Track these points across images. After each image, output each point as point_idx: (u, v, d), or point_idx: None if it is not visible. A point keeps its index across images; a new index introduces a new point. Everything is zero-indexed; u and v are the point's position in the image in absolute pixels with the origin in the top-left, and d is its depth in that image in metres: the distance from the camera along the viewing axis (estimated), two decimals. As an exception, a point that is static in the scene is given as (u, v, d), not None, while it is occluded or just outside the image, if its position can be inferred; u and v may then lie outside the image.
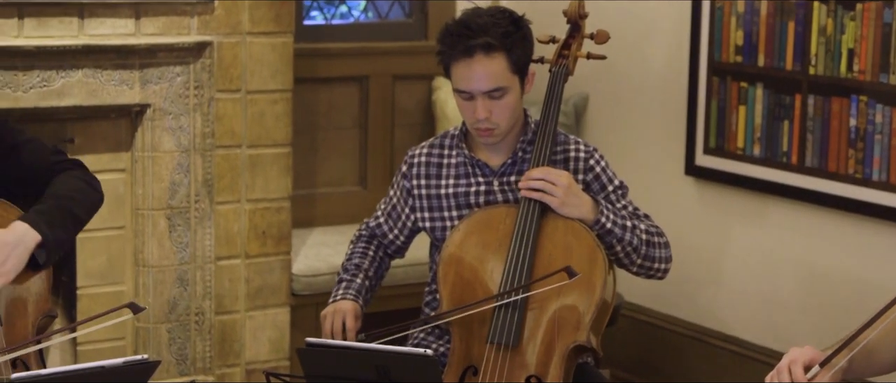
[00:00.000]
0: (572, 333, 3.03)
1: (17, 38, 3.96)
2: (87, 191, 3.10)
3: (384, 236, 3.43)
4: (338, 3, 5.18)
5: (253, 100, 4.36)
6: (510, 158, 3.27)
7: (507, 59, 3.14)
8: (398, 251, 3.47)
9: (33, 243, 2.90)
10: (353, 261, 3.39)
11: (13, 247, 2.87)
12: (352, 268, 3.37)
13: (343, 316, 3.22)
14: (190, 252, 4.30)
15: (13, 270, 2.87)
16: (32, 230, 2.90)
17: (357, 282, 3.33)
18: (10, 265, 2.86)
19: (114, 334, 4.26)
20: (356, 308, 3.25)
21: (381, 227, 3.44)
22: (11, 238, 2.88)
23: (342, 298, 3.28)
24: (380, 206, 3.46)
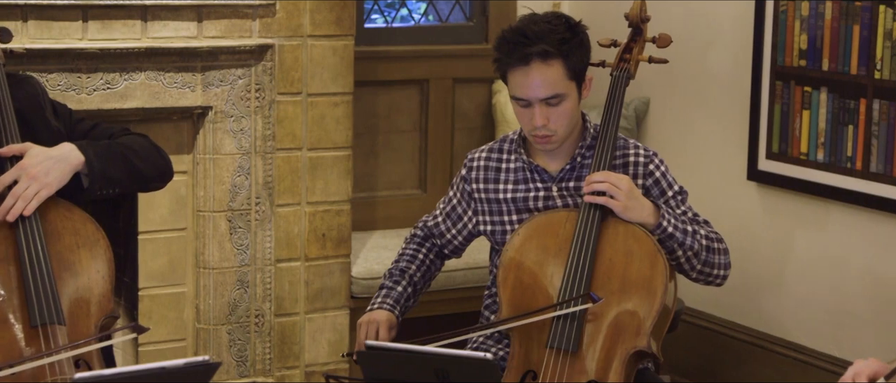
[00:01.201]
0: (633, 338, 3.01)
1: (81, 41, 4.00)
2: (151, 151, 3.17)
3: (442, 235, 3.43)
4: (398, 6, 5.19)
5: (314, 103, 4.37)
6: (569, 164, 3.26)
7: (564, 65, 3.12)
8: (455, 251, 3.47)
9: (77, 162, 2.97)
10: (401, 264, 3.40)
11: (56, 161, 2.94)
12: (397, 272, 3.38)
13: (377, 327, 3.23)
14: (250, 254, 4.32)
15: (56, 183, 2.93)
16: (77, 150, 2.98)
17: (397, 290, 3.33)
18: (52, 177, 2.93)
19: (175, 335, 4.29)
20: (391, 319, 3.27)
21: (438, 226, 3.43)
22: (55, 153, 2.96)
23: (379, 307, 3.30)
24: (439, 206, 3.46)
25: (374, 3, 5.12)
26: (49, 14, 3.93)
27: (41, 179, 2.91)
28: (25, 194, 2.89)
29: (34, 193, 2.89)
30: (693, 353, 4.70)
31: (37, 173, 2.90)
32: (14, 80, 3.10)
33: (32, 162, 2.92)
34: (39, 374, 2.77)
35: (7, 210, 2.88)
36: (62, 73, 3.97)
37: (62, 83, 3.97)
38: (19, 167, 2.91)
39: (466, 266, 4.59)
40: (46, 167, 2.92)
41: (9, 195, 2.89)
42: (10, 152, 2.95)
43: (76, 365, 2.84)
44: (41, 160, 2.93)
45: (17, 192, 2.89)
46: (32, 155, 2.94)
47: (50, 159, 2.94)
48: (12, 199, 2.88)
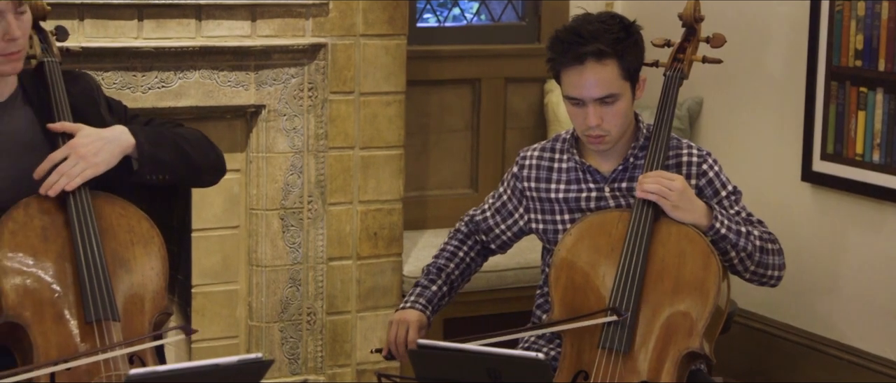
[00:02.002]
0: (685, 340, 3.00)
1: (136, 40, 4.03)
2: (202, 142, 3.18)
3: (489, 230, 3.43)
4: (451, 6, 5.19)
5: (366, 102, 4.38)
6: (621, 164, 3.24)
7: (618, 65, 3.11)
8: (502, 247, 3.46)
9: (127, 144, 2.98)
10: (439, 261, 3.39)
11: (107, 142, 2.95)
12: (434, 270, 3.37)
13: (406, 327, 3.23)
14: (302, 252, 4.34)
15: (104, 164, 2.95)
16: (128, 133, 3.00)
17: (432, 289, 3.33)
18: (101, 158, 2.94)
19: (228, 332, 4.32)
20: (422, 319, 3.26)
21: (486, 221, 3.43)
22: (106, 134, 2.97)
23: (411, 307, 3.29)
24: (488, 200, 3.45)
25: (427, 2, 5.13)
26: (105, 13, 3.97)
27: (89, 158, 2.92)
28: (71, 172, 2.90)
29: (80, 171, 2.91)
30: (746, 355, 4.67)
31: (86, 153, 2.92)
32: (69, 77, 3.13)
33: (83, 141, 2.94)
34: (94, 370, 2.79)
35: (50, 185, 2.90)
36: (117, 71, 4.00)
37: (117, 81, 4.00)
38: (69, 146, 2.93)
39: (518, 265, 4.59)
40: (96, 147, 2.94)
41: (54, 171, 2.91)
42: (62, 128, 2.97)
43: (130, 362, 2.86)
44: (92, 140, 2.95)
45: (63, 169, 2.90)
46: (84, 134, 2.96)
47: (101, 139, 2.96)
48: (57, 175, 2.90)
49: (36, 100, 3.04)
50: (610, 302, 3.02)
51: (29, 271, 2.88)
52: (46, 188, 2.90)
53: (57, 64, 3.10)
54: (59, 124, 2.98)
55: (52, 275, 2.89)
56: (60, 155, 2.92)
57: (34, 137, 3.02)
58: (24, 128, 3.02)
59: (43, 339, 2.81)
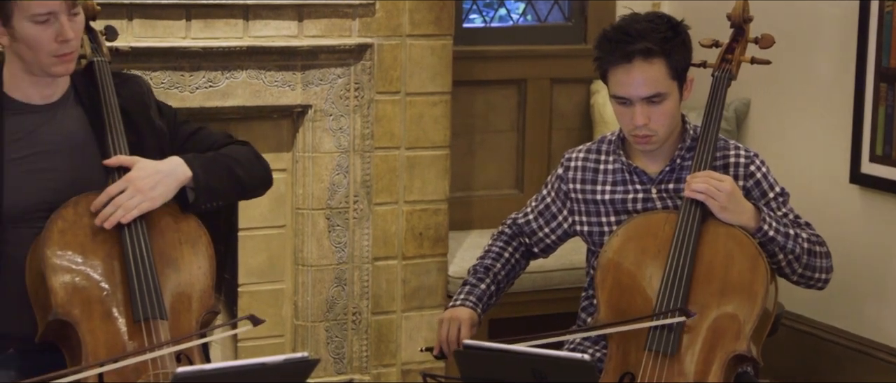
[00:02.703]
0: (732, 342, 2.98)
1: (184, 39, 4.05)
2: (253, 162, 3.18)
3: (533, 234, 3.42)
4: (497, 6, 5.19)
5: (412, 103, 4.39)
6: (668, 165, 3.23)
7: (666, 64, 3.10)
8: (546, 250, 3.45)
9: (184, 176, 2.99)
10: (486, 261, 3.38)
11: (164, 176, 2.96)
12: (481, 269, 3.36)
13: (458, 325, 3.22)
14: (348, 252, 4.35)
15: (161, 197, 2.96)
16: (185, 165, 3.00)
17: (481, 287, 3.32)
18: (158, 191, 2.95)
19: (274, 331, 4.33)
20: (473, 317, 3.25)
21: (529, 224, 3.42)
22: (163, 167, 2.98)
23: (461, 304, 3.28)
24: (530, 203, 3.44)
25: (473, 2, 5.13)
26: (153, 13, 3.99)
27: (146, 192, 2.93)
28: (127, 204, 2.91)
29: (136, 205, 2.91)
30: (793, 357, 4.64)
31: (143, 186, 2.92)
32: (120, 79, 3.14)
33: (140, 175, 2.94)
34: (142, 368, 2.81)
35: (106, 217, 2.90)
36: (166, 71, 4.02)
37: (165, 81, 4.03)
38: (127, 179, 2.93)
39: (563, 266, 4.58)
40: (153, 181, 2.95)
41: (111, 202, 2.92)
42: (118, 163, 2.98)
43: (177, 360, 2.88)
44: (149, 173, 2.95)
45: (119, 201, 2.91)
46: (141, 168, 2.96)
47: (158, 173, 2.96)
48: (113, 207, 2.91)
49: (87, 100, 3.06)
50: (656, 304, 3.01)
51: (78, 269, 2.90)
52: (102, 220, 2.91)
53: (106, 64, 3.12)
54: (115, 159, 2.98)
55: (100, 274, 2.91)
56: (117, 189, 2.92)
57: (85, 138, 3.04)
58: (76, 128, 3.04)
59: (91, 337, 2.83)
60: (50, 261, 2.88)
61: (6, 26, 2.90)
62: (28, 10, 2.86)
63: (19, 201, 2.94)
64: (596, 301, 3.14)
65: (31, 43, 2.89)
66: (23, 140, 2.98)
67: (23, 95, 3.00)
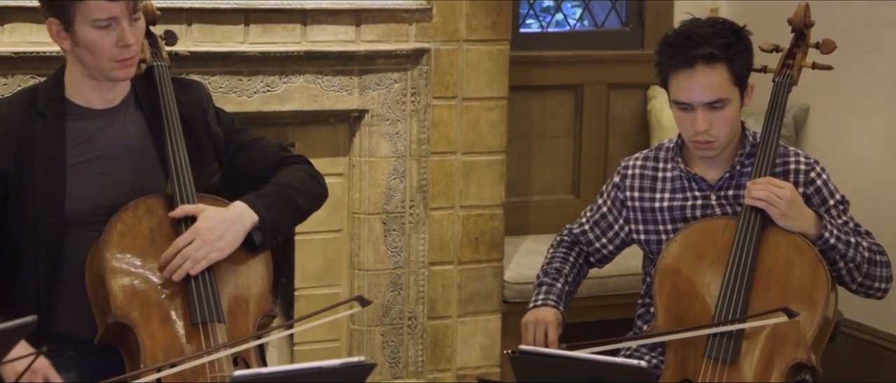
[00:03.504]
0: (792, 350, 2.95)
1: (242, 44, 4.07)
2: (310, 184, 3.17)
3: (589, 244, 3.40)
4: (554, 11, 5.18)
5: (468, 107, 4.39)
6: (728, 172, 3.21)
7: (728, 69, 3.07)
8: (602, 260, 3.43)
9: (250, 222, 2.98)
10: (554, 264, 3.36)
11: (231, 224, 2.95)
12: (552, 271, 3.34)
13: (545, 327, 3.19)
14: (404, 256, 4.35)
15: (228, 246, 2.95)
16: (250, 210, 2.98)
17: (558, 286, 3.29)
18: (225, 241, 2.94)
19: (329, 335, 4.35)
20: (558, 317, 3.22)
21: (586, 235, 3.40)
22: (230, 215, 2.96)
23: (543, 304, 3.24)
24: (585, 213, 3.43)
25: (530, 7, 5.12)
26: (212, 18, 4.01)
27: (213, 243, 2.91)
28: (195, 256, 2.90)
29: (203, 256, 2.90)
30: (852, 366, 4.59)
31: (210, 238, 2.91)
32: (180, 85, 3.16)
33: (207, 225, 2.92)
34: (199, 371, 2.82)
35: (174, 269, 2.90)
36: (224, 75, 4.05)
37: (224, 86, 4.05)
38: (194, 230, 2.92)
39: (619, 272, 4.56)
40: (220, 231, 2.93)
41: (179, 254, 2.90)
42: (183, 213, 2.96)
43: (234, 363, 2.89)
44: (216, 223, 2.93)
45: (187, 253, 2.89)
46: (207, 217, 2.94)
47: (224, 222, 2.94)
48: (181, 259, 2.90)
49: (147, 105, 3.08)
50: (715, 311, 2.99)
51: (137, 272, 2.92)
52: (170, 272, 2.90)
53: (166, 68, 3.13)
54: (180, 209, 2.96)
55: (159, 277, 2.93)
56: (185, 241, 2.91)
57: (145, 142, 3.06)
58: (136, 132, 3.06)
59: (150, 340, 2.85)
60: (109, 264, 2.90)
61: (68, 31, 2.92)
62: (90, 14, 2.88)
63: (80, 205, 2.96)
64: (653, 307, 3.13)
65: (93, 48, 2.91)
66: (84, 144, 3.00)
67: (84, 100, 3.02)
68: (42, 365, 2.80)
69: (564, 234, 3.44)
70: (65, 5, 2.89)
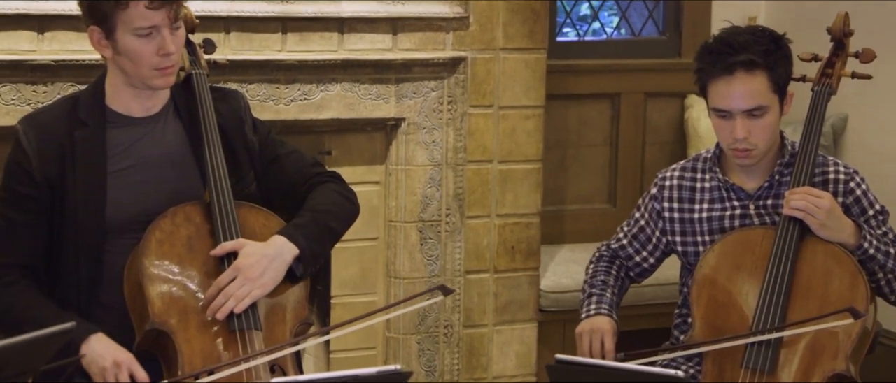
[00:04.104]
0: (831, 361, 2.93)
1: (280, 52, 4.08)
2: (344, 205, 3.17)
3: (629, 258, 3.38)
4: (591, 20, 5.17)
5: (505, 116, 4.39)
6: (767, 181, 3.19)
7: (768, 77, 3.06)
8: (643, 273, 3.40)
9: (291, 256, 2.98)
10: (599, 277, 3.34)
11: (271, 260, 2.95)
12: (598, 283, 3.32)
13: (601, 336, 3.16)
14: (440, 265, 4.35)
15: (271, 282, 2.95)
16: (290, 243, 2.98)
17: (607, 296, 3.27)
18: (267, 277, 2.94)
19: (365, 343, 4.35)
20: (614, 326, 3.19)
21: (624, 249, 3.38)
22: (270, 250, 2.96)
23: (596, 314, 3.21)
24: (622, 229, 3.41)
25: (567, 16, 5.11)
26: (250, 26, 4.03)
27: (256, 280, 2.91)
28: (238, 294, 2.89)
29: (247, 293, 2.90)
30: (891, 377, 4.56)
31: (252, 275, 2.90)
32: (219, 94, 3.17)
33: (248, 262, 2.92)
34: (236, 378, 2.82)
35: (218, 308, 2.89)
36: (261, 83, 4.06)
37: (261, 94, 4.06)
38: (235, 268, 2.91)
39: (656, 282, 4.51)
40: (262, 267, 2.93)
41: (221, 293, 2.90)
42: (224, 251, 2.95)
43: (271, 371, 2.89)
44: (256, 260, 2.93)
45: (230, 291, 2.89)
46: (247, 254, 2.93)
47: (265, 258, 2.94)
48: (224, 298, 2.89)
49: (186, 113, 3.10)
50: (753, 321, 2.97)
51: (175, 279, 2.93)
52: (213, 311, 2.89)
53: (204, 76, 3.15)
54: (220, 247, 2.96)
55: (197, 284, 2.94)
56: (227, 279, 2.91)
57: (183, 150, 3.07)
58: (175, 141, 3.07)
59: (187, 347, 2.86)
60: (148, 272, 2.91)
61: (109, 39, 2.94)
62: (132, 22, 2.90)
63: (121, 212, 2.98)
64: (690, 319, 3.11)
65: (134, 56, 2.93)
66: (124, 152, 3.02)
67: (124, 108, 3.04)
68: (126, 360, 2.82)
69: (603, 250, 3.42)
70: (107, 13, 2.90)
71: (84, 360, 2.83)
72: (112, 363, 2.81)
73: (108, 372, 2.81)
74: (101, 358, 2.82)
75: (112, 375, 2.80)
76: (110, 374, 2.80)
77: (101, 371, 2.81)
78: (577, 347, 3.18)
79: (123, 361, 2.82)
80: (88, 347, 2.84)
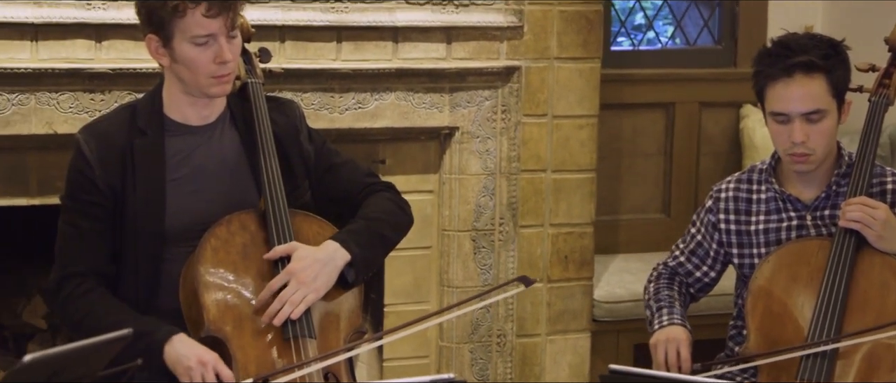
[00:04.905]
0: (888, 374, 2.91)
1: (334, 61, 4.10)
2: (397, 213, 3.19)
3: (689, 274, 3.36)
4: (646, 29, 5.16)
5: (559, 125, 4.38)
6: (824, 192, 3.17)
7: (826, 80, 3.04)
8: (703, 288, 3.37)
9: (343, 261, 2.99)
10: (663, 292, 3.29)
11: (324, 264, 2.96)
12: (665, 297, 3.27)
13: (677, 346, 3.11)
14: (493, 274, 4.35)
15: (323, 287, 2.96)
16: (342, 249, 3.00)
17: (677, 306, 3.24)
18: (320, 282, 2.95)
19: (418, 351, 4.35)
20: (689, 335, 3.15)
21: (683, 266, 3.36)
22: (322, 255, 2.97)
23: (670, 324, 3.17)
24: (678, 246, 3.38)
25: (622, 25, 5.10)
26: (305, 35, 4.05)
27: (309, 284, 2.92)
28: (293, 299, 2.91)
29: (301, 298, 2.92)
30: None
31: (305, 279, 2.92)
32: (275, 104, 3.19)
33: (300, 266, 2.94)
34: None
35: (274, 314, 2.91)
36: (316, 92, 4.08)
37: (316, 102, 4.08)
38: (288, 272, 2.94)
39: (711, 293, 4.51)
40: (314, 272, 2.94)
41: (276, 299, 2.92)
42: (277, 255, 2.98)
43: (325, 378, 2.90)
44: (309, 264, 2.94)
45: (285, 297, 2.91)
46: (300, 258, 2.95)
47: (317, 262, 2.96)
48: (279, 304, 2.91)
49: (241, 122, 3.12)
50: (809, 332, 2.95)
51: (230, 287, 2.95)
52: (270, 317, 2.91)
53: (260, 85, 3.17)
54: (273, 251, 2.98)
55: (252, 292, 2.96)
56: (279, 282, 2.93)
57: (239, 159, 3.09)
58: (231, 149, 3.09)
59: (242, 354, 2.88)
60: (203, 279, 2.93)
61: (166, 47, 2.96)
62: (189, 31, 2.92)
63: (178, 220, 3.01)
64: (745, 331, 3.09)
65: (190, 64, 2.95)
66: (182, 161, 3.04)
67: (181, 116, 3.06)
68: (211, 359, 2.83)
69: (660, 269, 3.39)
70: (164, 22, 2.93)
71: (168, 360, 2.84)
72: (197, 362, 2.82)
73: (194, 371, 2.81)
74: (187, 358, 2.83)
75: (198, 375, 2.81)
76: (196, 373, 2.81)
77: (187, 370, 2.82)
78: (652, 358, 3.15)
79: (209, 360, 2.83)
80: (172, 348, 2.85)
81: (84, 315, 2.94)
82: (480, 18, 4.22)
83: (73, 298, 2.96)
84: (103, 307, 2.94)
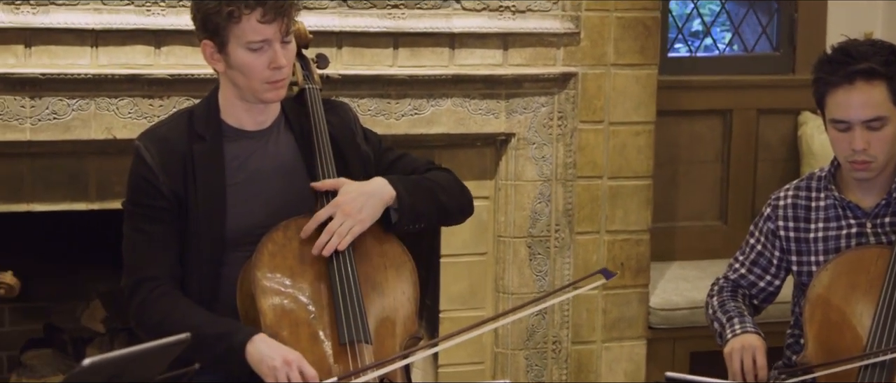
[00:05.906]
0: (948, 383, 2.88)
1: (391, 67, 4.11)
2: (455, 188, 3.20)
3: (752, 285, 3.32)
4: (703, 36, 5.13)
5: (615, 132, 4.37)
6: (884, 199, 3.14)
7: (887, 87, 3.02)
8: (767, 298, 3.34)
9: (389, 196, 3.03)
10: (729, 304, 3.25)
11: (369, 197, 3.00)
12: (732, 308, 3.24)
13: (753, 353, 3.09)
14: (549, 280, 4.34)
15: (369, 218, 3.00)
16: (389, 186, 3.03)
17: (747, 315, 3.21)
18: (365, 213, 2.99)
19: (474, 357, 4.35)
20: (764, 343, 3.12)
21: (745, 278, 3.33)
22: (368, 188, 3.02)
23: (743, 331, 3.14)
24: (737, 258, 3.35)
25: (679, 32, 5.08)
26: (362, 41, 4.06)
27: (355, 216, 2.97)
28: (340, 230, 2.95)
29: (348, 229, 2.96)
30: None
31: (351, 210, 2.97)
32: (328, 106, 3.21)
33: (346, 198, 2.98)
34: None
35: (322, 246, 2.95)
36: (372, 98, 4.09)
37: (372, 108, 4.09)
38: (334, 204, 2.98)
39: (768, 301, 4.49)
40: (360, 203, 2.98)
41: (324, 231, 2.96)
42: (325, 187, 3.03)
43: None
44: (355, 196, 2.99)
45: (332, 228, 2.96)
46: (346, 191, 3.00)
47: (363, 195, 3.00)
48: (327, 235, 2.95)
49: (297, 126, 3.13)
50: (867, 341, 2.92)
51: (286, 292, 2.96)
52: (318, 249, 2.96)
53: (317, 91, 3.18)
54: (322, 183, 3.03)
55: (308, 296, 2.97)
56: (326, 214, 2.97)
57: (295, 163, 3.11)
58: (287, 153, 3.11)
59: (298, 358, 2.89)
60: (260, 283, 2.94)
61: (221, 53, 2.98)
62: (244, 37, 2.94)
63: (239, 225, 3.02)
64: (803, 340, 3.07)
65: (245, 69, 2.97)
66: (240, 166, 3.06)
67: (237, 121, 3.08)
68: (295, 358, 2.84)
69: (721, 282, 3.36)
70: (219, 27, 2.95)
71: (251, 360, 2.85)
72: (282, 361, 2.82)
73: (278, 371, 2.82)
74: (271, 358, 2.84)
75: (284, 374, 2.81)
76: (281, 373, 2.82)
77: (272, 370, 2.82)
78: (727, 366, 3.12)
79: (293, 359, 2.83)
80: (254, 348, 2.86)
81: (161, 318, 2.95)
82: (537, 25, 4.22)
83: (148, 302, 2.98)
84: (180, 310, 2.96)
